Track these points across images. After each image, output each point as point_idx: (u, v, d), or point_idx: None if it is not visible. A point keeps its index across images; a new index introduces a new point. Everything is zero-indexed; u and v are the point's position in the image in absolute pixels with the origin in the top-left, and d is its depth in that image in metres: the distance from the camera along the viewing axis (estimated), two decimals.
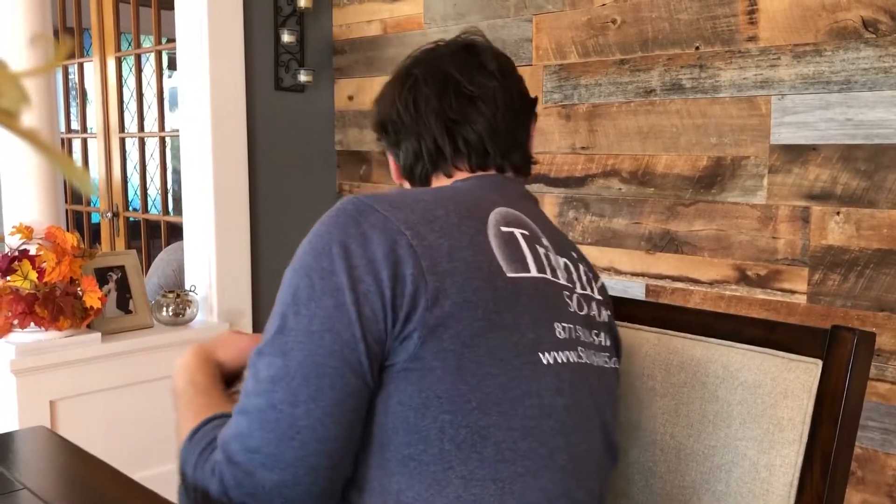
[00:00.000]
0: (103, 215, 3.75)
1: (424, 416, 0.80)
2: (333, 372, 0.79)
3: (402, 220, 0.83)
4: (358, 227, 0.82)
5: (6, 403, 2.08)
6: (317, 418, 0.78)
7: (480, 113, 1.01)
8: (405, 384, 0.80)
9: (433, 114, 1.02)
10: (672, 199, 1.95)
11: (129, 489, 0.98)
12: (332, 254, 0.81)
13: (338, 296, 0.80)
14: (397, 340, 0.80)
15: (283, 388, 0.79)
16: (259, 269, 2.62)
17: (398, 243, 0.81)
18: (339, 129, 2.79)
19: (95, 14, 3.61)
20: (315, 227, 0.86)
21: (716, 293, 1.89)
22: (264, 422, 0.79)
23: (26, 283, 1.99)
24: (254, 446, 0.79)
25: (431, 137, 1.02)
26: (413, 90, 1.04)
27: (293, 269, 0.85)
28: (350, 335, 0.79)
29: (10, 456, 1.11)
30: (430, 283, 0.80)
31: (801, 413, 1.02)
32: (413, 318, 0.80)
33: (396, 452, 0.81)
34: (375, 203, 0.85)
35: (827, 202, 1.71)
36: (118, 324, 2.27)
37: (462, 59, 1.05)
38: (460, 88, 1.02)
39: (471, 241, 0.86)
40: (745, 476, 1.04)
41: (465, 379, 0.80)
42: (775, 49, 1.76)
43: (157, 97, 3.44)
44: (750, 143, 1.81)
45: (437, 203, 0.88)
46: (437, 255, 0.82)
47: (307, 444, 0.78)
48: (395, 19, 2.56)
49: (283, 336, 0.81)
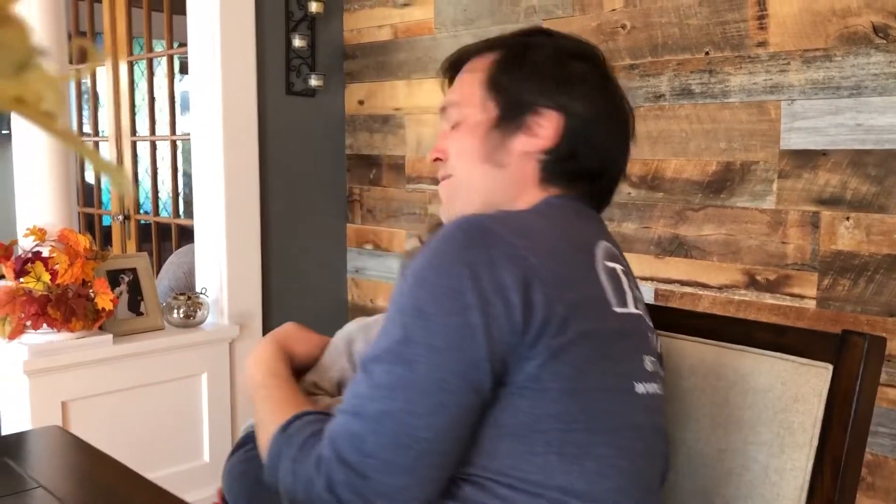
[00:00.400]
0: (115, 218, 3.77)
1: (534, 430, 0.83)
2: (456, 389, 0.81)
3: (528, 248, 0.84)
4: (485, 250, 0.83)
5: (19, 404, 2.09)
6: (435, 431, 0.80)
7: (616, 139, 1.01)
8: (520, 400, 0.83)
9: (610, 143, 0.99)
10: (681, 203, 1.96)
11: (142, 487, 0.99)
12: (460, 273, 0.82)
13: (466, 315, 0.81)
14: (520, 361, 0.82)
15: (403, 398, 0.80)
16: (269, 272, 2.63)
17: (526, 270, 0.82)
18: (349, 134, 2.80)
19: (108, 18, 3.64)
20: (437, 245, 0.85)
21: (725, 298, 1.89)
22: (382, 427, 0.80)
23: (39, 284, 2.01)
24: (369, 450, 0.80)
25: (598, 163, 0.98)
26: (605, 108, 0.99)
27: (415, 283, 0.84)
28: (477, 355, 0.81)
29: (25, 455, 1.12)
30: (559, 311, 0.82)
31: (811, 417, 1.02)
32: (540, 342, 0.82)
33: (500, 461, 0.84)
34: (497, 227, 0.85)
35: (837, 207, 1.71)
36: (129, 325, 2.28)
37: (611, 77, 1.02)
38: (622, 127, 1.01)
39: (587, 274, 0.89)
40: (755, 480, 1.05)
41: (576, 401, 0.84)
42: (785, 54, 1.76)
43: (169, 101, 3.46)
44: (759, 148, 1.82)
45: (552, 233, 0.90)
46: (561, 285, 0.84)
47: (424, 455, 0.80)
48: (405, 24, 2.57)
49: (406, 346, 0.81)
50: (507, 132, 0.97)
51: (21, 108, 0.23)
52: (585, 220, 0.99)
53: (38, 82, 0.23)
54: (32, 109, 0.23)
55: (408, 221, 2.62)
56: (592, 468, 0.85)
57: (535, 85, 0.96)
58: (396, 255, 2.67)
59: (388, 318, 0.85)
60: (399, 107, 2.61)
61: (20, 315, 2.01)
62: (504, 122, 0.97)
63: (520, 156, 0.97)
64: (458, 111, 1.01)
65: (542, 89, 0.96)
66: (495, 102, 0.98)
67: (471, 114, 0.99)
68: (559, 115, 0.96)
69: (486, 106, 0.98)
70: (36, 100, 0.23)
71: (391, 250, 2.69)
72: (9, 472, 1.01)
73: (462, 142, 1.00)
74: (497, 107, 0.97)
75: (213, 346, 2.46)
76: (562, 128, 0.96)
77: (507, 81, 0.97)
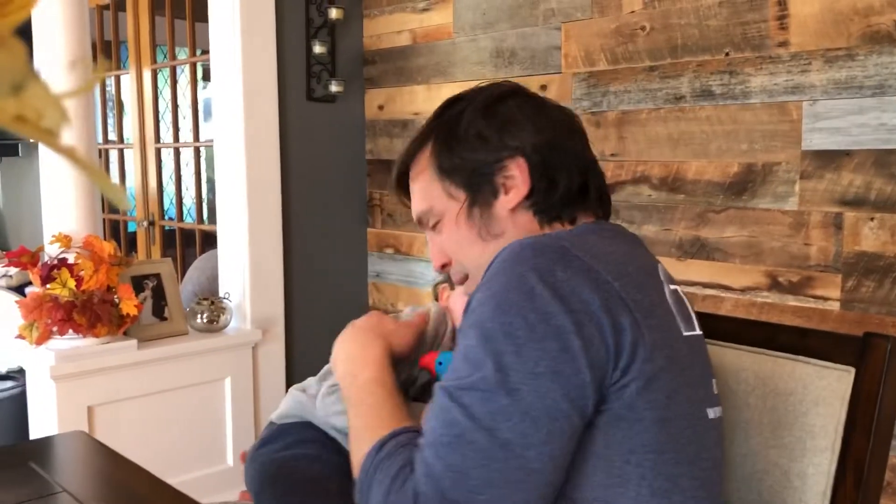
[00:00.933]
0: (139, 224, 3.81)
1: (629, 461, 0.82)
2: (564, 416, 0.78)
3: (607, 270, 0.83)
4: (566, 271, 0.81)
5: (46, 409, 2.12)
6: (546, 461, 0.78)
7: (580, 145, 1.00)
8: (615, 430, 0.82)
9: (576, 153, 0.98)
10: (703, 205, 1.94)
11: (166, 494, 1.00)
12: (545, 296, 0.79)
13: (563, 339, 0.78)
14: (615, 388, 0.81)
15: (510, 429, 0.77)
16: (291, 277, 2.65)
17: (609, 293, 0.81)
18: (369, 139, 2.81)
19: (132, 27, 3.69)
20: (510, 266, 0.82)
21: (748, 300, 1.88)
22: (489, 461, 0.77)
23: (65, 290, 2.03)
24: (475, 486, 0.77)
25: (581, 174, 0.97)
26: (552, 120, 0.98)
27: (497, 306, 0.81)
28: (580, 380, 0.78)
29: (50, 460, 1.14)
30: (647, 335, 0.81)
31: (833, 421, 1.01)
32: (632, 368, 0.81)
33: (589, 492, 0.82)
34: (573, 248, 0.83)
35: (860, 208, 1.69)
36: (154, 331, 2.31)
37: (552, 104, 1.02)
38: (578, 134, 1.00)
39: (660, 298, 0.88)
40: (776, 485, 1.04)
41: (667, 429, 0.83)
42: (806, 54, 1.75)
43: (192, 108, 3.50)
44: (781, 150, 1.80)
45: (619, 257, 0.88)
46: (644, 310, 0.83)
47: (537, 487, 0.78)
48: (424, 29, 2.58)
49: (503, 374, 0.78)
50: (486, 203, 0.96)
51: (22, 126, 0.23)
52: (635, 244, 0.97)
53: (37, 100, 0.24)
54: (33, 127, 0.24)
55: None
56: (678, 502, 0.84)
57: (481, 146, 0.95)
58: (417, 258, 2.68)
59: (468, 345, 0.81)
60: (418, 111, 2.62)
61: (47, 321, 2.04)
62: (478, 197, 0.96)
63: (509, 215, 0.96)
64: (432, 214, 1.00)
65: (489, 146, 0.95)
66: (458, 185, 0.97)
67: (444, 209, 0.98)
68: (519, 157, 0.94)
69: (452, 194, 0.97)
70: (36, 117, 0.24)
71: (411, 254, 2.70)
72: (34, 477, 1.03)
73: (452, 238, 0.99)
74: (462, 188, 0.97)
75: (237, 350, 2.48)
76: (528, 167, 0.94)
77: (456, 160, 0.97)
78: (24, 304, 2.06)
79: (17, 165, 4.61)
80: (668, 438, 0.84)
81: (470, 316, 0.84)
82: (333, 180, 2.75)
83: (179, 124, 3.66)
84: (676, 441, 0.84)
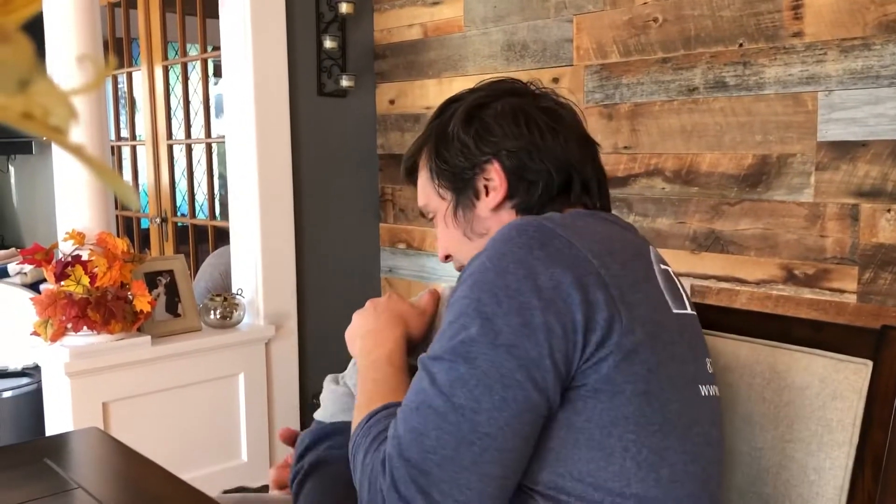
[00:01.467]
0: (152, 221, 3.83)
1: (611, 434, 0.84)
2: (517, 385, 0.81)
3: (587, 248, 0.86)
4: (543, 249, 0.85)
5: (61, 405, 2.13)
6: (498, 427, 0.81)
7: (589, 155, 1.03)
8: (594, 402, 0.84)
9: (555, 154, 1.00)
10: (717, 198, 1.93)
11: (180, 490, 1.00)
12: (518, 274, 0.84)
13: (525, 315, 0.82)
14: (589, 362, 0.83)
15: (465, 394, 0.82)
16: (304, 272, 2.65)
17: (586, 270, 0.84)
18: (380, 133, 2.81)
19: (143, 24, 3.69)
20: (494, 246, 0.87)
21: (763, 293, 1.86)
22: (443, 423, 0.81)
23: (79, 287, 2.04)
24: (430, 446, 0.81)
25: (561, 172, 1.00)
26: (529, 125, 1.01)
27: (474, 284, 0.86)
28: (537, 353, 0.82)
29: (65, 456, 1.14)
30: (625, 310, 0.84)
31: (850, 415, 1.00)
32: (608, 342, 0.83)
33: (573, 466, 0.85)
34: (557, 227, 0.87)
35: (877, 199, 1.67)
36: (167, 327, 2.31)
37: (542, 104, 1.05)
38: (561, 133, 1.02)
39: (645, 275, 0.91)
40: (793, 479, 1.03)
41: (650, 402, 0.85)
42: (821, 44, 1.73)
43: (204, 104, 3.50)
44: (796, 141, 1.78)
45: (608, 235, 0.92)
46: (623, 286, 0.86)
47: (486, 450, 0.81)
48: (434, 23, 2.57)
49: (466, 346, 0.83)
50: (468, 204, 1.03)
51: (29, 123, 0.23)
52: (623, 227, 1.00)
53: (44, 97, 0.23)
54: (40, 124, 0.23)
55: None
56: (666, 475, 0.86)
57: (462, 152, 1.02)
58: (429, 254, 2.67)
59: (448, 320, 0.87)
60: (430, 105, 2.61)
61: (61, 318, 2.05)
62: (461, 199, 1.03)
63: (491, 215, 1.01)
64: (428, 209, 1.09)
65: (468, 152, 1.01)
66: (445, 187, 1.04)
67: (436, 207, 1.07)
68: (494, 160, 1.00)
69: (442, 194, 1.05)
70: (43, 115, 0.23)
71: (424, 249, 2.70)
72: (49, 473, 1.03)
73: (445, 234, 1.06)
74: (449, 191, 1.04)
75: (250, 346, 2.48)
76: (503, 169, 1.00)
77: (443, 164, 1.03)
78: (39, 301, 2.07)
79: (31, 163, 4.63)
80: (652, 411, 0.85)
81: (454, 294, 0.89)
82: (345, 175, 2.75)
83: (191, 121, 3.66)
84: (662, 414, 0.86)
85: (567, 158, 1.01)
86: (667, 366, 0.87)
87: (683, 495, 0.87)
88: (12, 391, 2.61)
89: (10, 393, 2.60)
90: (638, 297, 0.86)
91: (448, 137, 1.03)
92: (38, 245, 2.12)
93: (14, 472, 1.04)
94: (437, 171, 1.05)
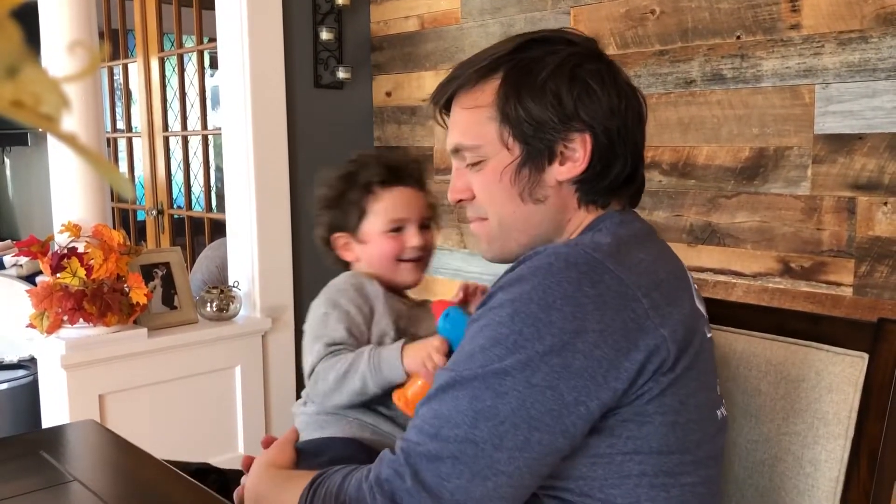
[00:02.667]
0: (148, 213, 3.82)
1: (631, 459, 0.83)
2: (545, 429, 0.78)
3: (636, 284, 0.81)
4: (594, 288, 0.80)
5: (57, 397, 2.13)
6: (517, 467, 0.79)
7: (640, 135, 0.96)
8: (621, 430, 0.82)
9: (636, 143, 0.94)
10: (714, 190, 1.93)
11: (176, 482, 1.00)
12: (564, 311, 0.78)
13: (566, 356, 0.78)
14: (626, 398, 0.81)
15: (488, 428, 0.78)
16: (300, 265, 2.64)
17: (636, 313, 0.80)
18: (377, 126, 2.80)
19: (139, 15, 3.68)
20: (539, 276, 0.81)
21: (759, 286, 1.86)
22: (461, 454, 0.78)
23: (75, 280, 2.04)
24: (445, 473, 0.79)
25: (632, 163, 0.93)
26: (628, 103, 0.92)
27: (514, 313, 0.80)
28: (573, 398, 0.78)
29: (61, 448, 1.14)
30: (672, 351, 0.82)
31: (846, 408, 1.00)
32: (648, 383, 0.81)
33: (583, 484, 0.84)
34: (607, 260, 0.82)
35: (874, 192, 1.67)
36: (164, 319, 2.31)
37: (616, 67, 0.95)
38: (642, 123, 0.96)
39: (690, 307, 0.88)
40: (788, 471, 1.03)
41: (675, 431, 0.84)
42: (819, 37, 1.72)
43: (200, 96, 3.49)
44: (793, 134, 1.78)
45: (653, 264, 0.87)
46: (673, 325, 0.82)
47: (500, 487, 0.79)
48: (431, 14, 2.56)
49: (499, 377, 0.79)
50: (539, 166, 0.91)
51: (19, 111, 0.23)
52: (660, 243, 0.95)
53: (35, 84, 0.23)
54: (31, 112, 0.23)
55: None
56: (676, 495, 0.85)
57: (553, 109, 0.89)
58: None
59: (480, 344, 0.81)
60: (427, 97, 2.60)
61: (57, 310, 2.04)
62: (533, 157, 0.90)
63: (556, 185, 0.92)
64: (477, 154, 0.93)
65: (562, 112, 0.89)
66: (516, 138, 0.90)
67: (492, 154, 0.92)
68: (587, 134, 0.89)
69: (508, 144, 0.91)
70: (34, 102, 0.23)
71: None
72: (45, 466, 1.03)
73: (492, 186, 0.93)
74: (520, 143, 0.90)
75: (246, 338, 2.48)
76: (592, 147, 0.90)
77: (522, 112, 0.89)
78: (35, 293, 2.07)
79: (27, 155, 4.62)
80: (675, 440, 0.84)
81: (486, 314, 0.83)
82: None
83: (187, 112, 3.65)
84: (683, 443, 0.85)
85: (639, 150, 0.95)
86: (696, 395, 0.86)
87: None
88: (8, 383, 2.61)
89: (5, 385, 2.60)
90: (682, 333, 0.83)
91: (539, 86, 0.89)
92: (33, 237, 2.11)
93: (10, 465, 1.04)
94: (513, 119, 0.90)
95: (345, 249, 1.32)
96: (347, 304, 1.20)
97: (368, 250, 1.28)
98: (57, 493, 0.96)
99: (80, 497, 0.95)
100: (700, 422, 0.87)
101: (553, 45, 0.92)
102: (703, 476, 0.88)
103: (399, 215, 1.27)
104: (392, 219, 1.27)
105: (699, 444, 0.87)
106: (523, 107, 0.89)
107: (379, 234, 1.27)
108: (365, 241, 1.28)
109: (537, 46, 0.92)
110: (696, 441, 0.86)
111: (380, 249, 1.27)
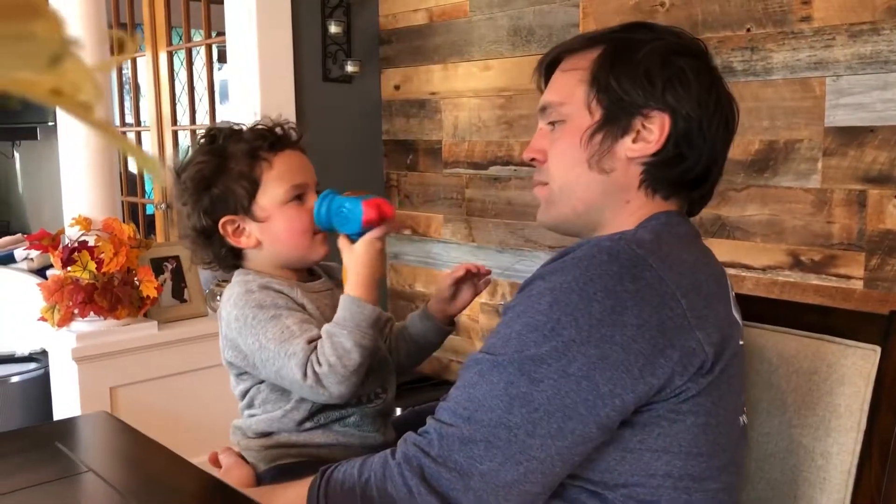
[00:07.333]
0: (157, 206, 3.83)
1: (660, 458, 0.83)
2: (579, 418, 0.79)
3: (676, 284, 0.82)
4: (635, 283, 0.80)
5: (68, 390, 2.14)
6: (548, 454, 0.80)
7: (722, 141, 0.96)
8: (653, 427, 0.83)
9: (714, 144, 0.93)
10: (723, 183, 1.91)
11: (189, 472, 1.01)
12: (605, 304, 0.79)
13: (604, 348, 0.78)
14: (663, 397, 0.82)
15: (522, 415, 0.79)
16: None
17: (674, 311, 0.81)
18: (385, 119, 2.80)
19: (148, 9, 3.68)
20: (580, 267, 0.81)
21: (769, 279, 1.86)
22: (494, 438, 0.80)
23: (86, 273, 2.05)
24: (478, 455, 0.80)
25: (704, 165, 0.93)
26: (719, 100, 0.93)
27: (554, 302, 0.81)
28: (608, 389, 0.79)
29: (75, 440, 1.15)
30: (709, 354, 0.82)
31: (858, 400, 1.00)
32: (684, 381, 0.81)
33: (608, 476, 0.84)
34: (649, 256, 0.82)
35: (885, 185, 1.67)
36: (174, 312, 2.32)
37: (716, 73, 0.96)
38: (728, 130, 0.96)
39: (726, 311, 0.89)
40: (800, 464, 1.03)
41: (706, 432, 0.85)
42: (830, 29, 1.72)
43: (208, 90, 3.49)
44: (804, 126, 1.77)
45: (694, 266, 0.87)
46: (709, 328, 0.83)
47: (531, 472, 0.80)
48: (440, 7, 2.56)
49: (535, 364, 0.79)
50: (613, 136, 0.91)
51: (58, 99, 0.23)
52: (703, 247, 0.95)
53: (74, 73, 0.23)
54: (69, 101, 0.23)
55: (445, 206, 2.62)
56: (698, 499, 0.85)
57: (642, 85, 0.90)
58: (434, 239, 2.67)
59: (517, 330, 0.82)
60: (435, 91, 2.61)
61: (68, 303, 2.05)
62: (610, 126, 0.91)
63: (625, 161, 0.91)
64: (559, 111, 0.94)
65: (649, 89, 0.90)
66: (600, 103, 0.91)
67: (573, 114, 0.93)
68: (667, 116, 0.90)
69: (591, 107, 0.92)
70: (73, 91, 0.23)
71: (429, 235, 2.69)
72: (60, 457, 1.04)
73: (563, 145, 0.93)
74: (602, 109, 0.91)
75: None
76: (669, 130, 0.90)
77: (613, 81, 0.90)
78: (46, 286, 2.08)
79: (36, 149, 4.63)
80: (705, 442, 0.84)
81: (524, 300, 0.84)
82: (350, 161, 2.75)
83: (196, 106, 3.66)
84: (713, 446, 0.85)
85: (716, 153, 0.94)
86: (726, 397, 0.86)
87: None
88: (20, 376, 2.62)
89: (17, 378, 2.61)
90: (718, 337, 0.84)
91: (634, 62, 0.90)
92: (44, 231, 2.13)
93: (26, 456, 1.05)
94: (602, 85, 0.91)
95: (238, 235, 1.12)
96: (276, 299, 1.08)
97: (272, 228, 1.11)
98: (72, 484, 0.97)
99: (94, 487, 0.96)
100: (727, 425, 0.88)
101: (661, 34, 0.95)
102: (726, 482, 0.89)
103: (298, 180, 1.13)
104: (293, 185, 1.12)
105: (725, 448, 0.87)
106: (614, 75, 0.91)
107: (280, 205, 1.10)
108: (264, 218, 1.10)
109: (646, 31, 0.95)
110: (723, 445, 0.87)
111: (288, 223, 1.10)
